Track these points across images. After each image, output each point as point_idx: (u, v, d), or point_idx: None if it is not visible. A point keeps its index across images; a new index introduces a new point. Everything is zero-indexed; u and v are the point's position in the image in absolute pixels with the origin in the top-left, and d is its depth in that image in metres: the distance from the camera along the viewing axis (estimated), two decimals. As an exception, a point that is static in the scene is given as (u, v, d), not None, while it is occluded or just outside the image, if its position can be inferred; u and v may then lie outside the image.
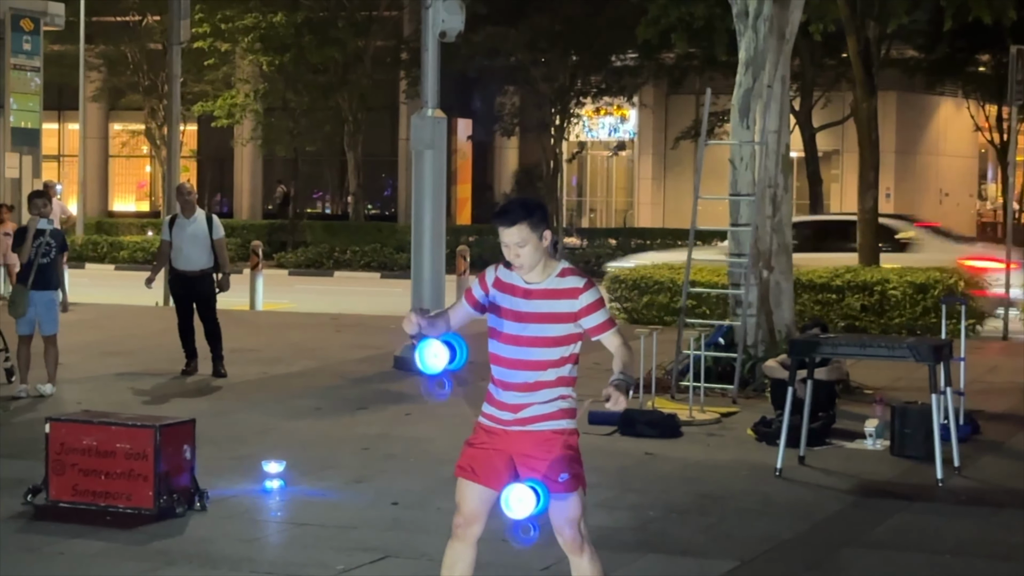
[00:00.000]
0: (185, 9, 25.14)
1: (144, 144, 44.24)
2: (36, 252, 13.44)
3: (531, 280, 5.95)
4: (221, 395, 14.11)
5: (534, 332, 5.92)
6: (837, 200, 40.80)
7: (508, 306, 5.98)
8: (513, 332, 5.96)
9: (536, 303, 5.93)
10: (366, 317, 21.19)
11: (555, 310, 5.91)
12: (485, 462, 6.07)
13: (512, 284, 5.99)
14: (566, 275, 5.95)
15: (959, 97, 40.72)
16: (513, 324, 5.96)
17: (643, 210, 45.02)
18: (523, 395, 5.96)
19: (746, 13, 14.83)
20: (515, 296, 5.97)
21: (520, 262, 5.91)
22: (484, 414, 6.13)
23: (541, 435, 5.97)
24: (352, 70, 38.84)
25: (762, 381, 13.70)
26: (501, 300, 6.00)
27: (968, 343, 12.76)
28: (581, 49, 36.88)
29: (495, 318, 6.02)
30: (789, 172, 15.29)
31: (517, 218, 5.89)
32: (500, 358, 6.01)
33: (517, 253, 5.90)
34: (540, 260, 5.92)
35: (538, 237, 5.89)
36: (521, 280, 5.97)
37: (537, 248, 5.89)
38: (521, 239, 5.88)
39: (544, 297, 5.92)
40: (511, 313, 5.97)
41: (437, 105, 16.17)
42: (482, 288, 6.07)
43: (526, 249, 5.89)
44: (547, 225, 5.94)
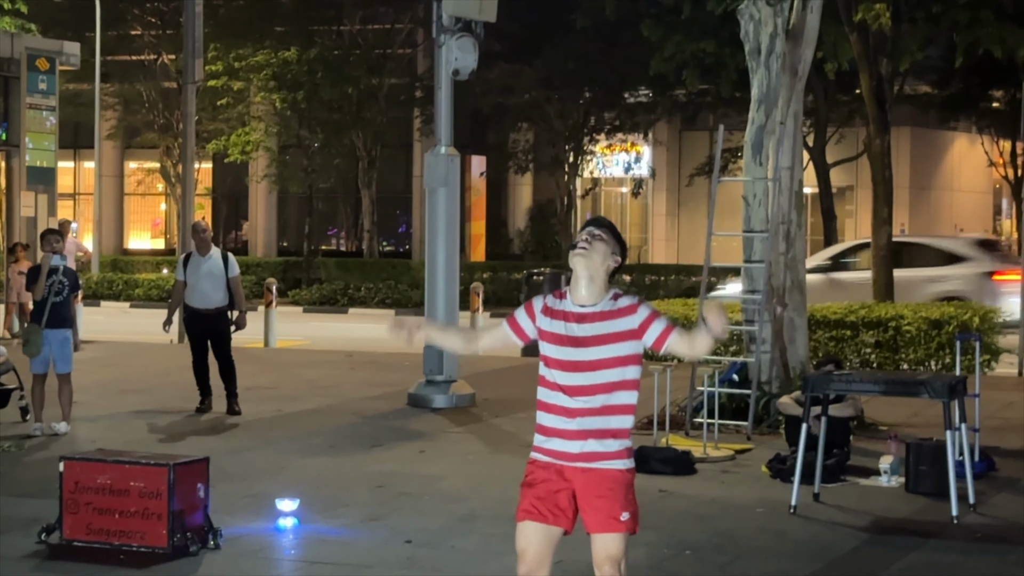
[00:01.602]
0: (199, 48, 25.26)
1: (159, 182, 44.39)
2: (49, 291, 13.49)
3: (585, 303, 5.98)
4: (235, 433, 14.12)
5: (595, 355, 5.92)
6: (852, 236, 40.77)
7: (563, 332, 5.97)
8: (572, 358, 5.94)
9: (593, 326, 5.94)
10: (380, 354, 21.20)
11: (615, 329, 5.95)
12: (550, 501, 5.99)
13: (564, 311, 6.01)
14: (618, 298, 6.02)
15: (973, 132, 40.72)
16: (571, 349, 5.94)
17: (657, 246, 45.02)
18: (586, 420, 5.91)
19: (758, 50, 14.87)
20: (568, 321, 5.97)
21: (587, 252, 5.94)
22: (540, 449, 6.05)
23: (606, 473, 5.95)
24: (366, 108, 38.97)
25: (776, 418, 13.67)
26: (553, 327, 6.00)
27: (983, 379, 12.73)
28: (595, 86, 36.98)
29: (549, 346, 6.00)
30: (802, 208, 15.30)
31: (607, 225, 6.08)
32: (558, 386, 5.96)
33: (589, 241, 5.96)
34: (601, 276, 5.98)
35: (611, 251, 6.00)
36: (573, 305, 5.99)
37: (604, 259, 5.98)
38: (601, 237, 5.99)
39: (600, 319, 5.95)
40: (567, 339, 5.95)
41: (451, 143, 16.22)
42: (528, 315, 6.09)
43: (599, 247, 5.96)
44: (622, 255, 6.06)
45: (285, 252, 44.65)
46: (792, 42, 14.88)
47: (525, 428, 14.12)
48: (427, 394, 15.83)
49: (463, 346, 6.51)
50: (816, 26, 15.14)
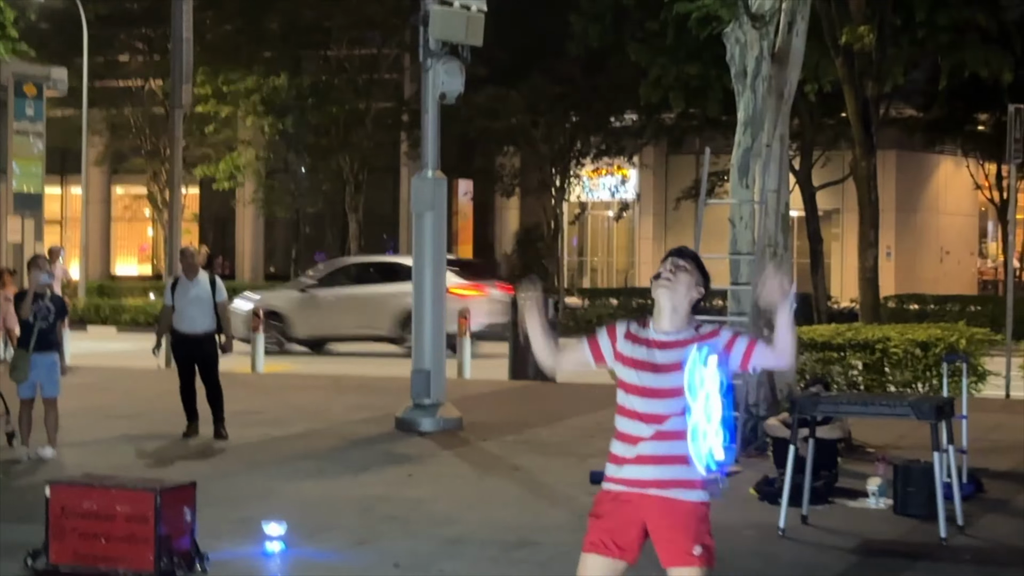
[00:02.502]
0: (187, 73, 25.28)
1: (146, 207, 44.39)
2: (36, 316, 13.47)
3: (666, 330, 5.94)
4: (222, 457, 14.09)
5: (674, 382, 5.85)
6: (838, 258, 40.85)
7: (644, 358, 5.92)
8: (651, 384, 5.87)
9: (674, 352, 5.89)
10: (367, 378, 21.17)
11: None
12: (618, 533, 5.89)
13: (646, 337, 5.97)
14: (700, 327, 5.98)
15: (959, 156, 40.85)
16: (650, 375, 5.88)
17: (644, 270, 45.03)
18: (662, 445, 5.84)
19: (744, 73, 14.91)
20: (650, 347, 5.93)
21: (671, 284, 5.91)
22: (613, 479, 5.96)
23: (680, 505, 5.86)
24: (353, 132, 39.04)
25: (764, 440, 13.66)
26: (634, 352, 5.95)
27: (970, 401, 12.74)
28: (581, 110, 37.06)
29: (628, 371, 5.94)
30: (788, 231, 15.34)
31: (690, 255, 6.02)
32: (636, 413, 5.90)
33: (674, 272, 5.93)
34: (683, 307, 5.93)
35: (695, 283, 5.95)
36: (657, 333, 5.95)
37: (689, 289, 5.93)
38: (685, 268, 5.94)
39: (682, 345, 5.90)
40: (647, 365, 5.90)
41: (437, 166, 16.23)
42: (610, 338, 6.03)
43: (683, 278, 5.92)
44: (704, 287, 5.99)
45: (272, 276, 44.62)
46: (778, 65, 14.93)
47: (513, 451, 14.12)
48: (414, 418, 15.81)
49: (547, 353, 6.24)
50: (802, 49, 15.20)
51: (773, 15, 14.78)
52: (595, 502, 5.98)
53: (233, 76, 37.79)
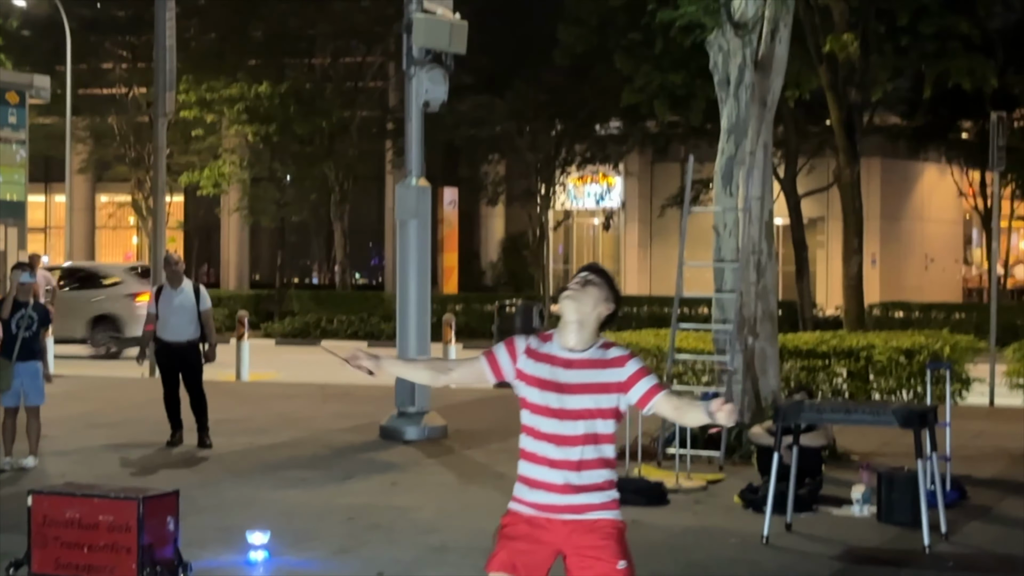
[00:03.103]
0: (171, 81, 25.22)
1: (131, 215, 44.31)
2: (18, 326, 13.43)
3: (573, 348, 5.68)
4: (206, 466, 14.06)
5: (579, 404, 5.61)
6: (823, 266, 40.91)
7: (548, 376, 5.65)
8: (555, 405, 5.62)
9: (580, 372, 5.63)
10: (352, 387, 21.14)
11: (601, 380, 5.62)
12: (528, 555, 5.66)
13: (550, 354, 5.69)
14: (609, 347, 5.71)
15: (943, 163, 40.94)
16: (554, 395, 5.63)
17: (630, 277, 45.08)
18: (571, 474, 5.60)
19: (728, 81, 14.93)
20: (554, 366, 5.66)
21: (578, 295, 5.65)
22: (523, 501, 5.72)
23: (597, 523, 5.65)
24: (338, 140, 39.03)
25: (748, 448, 13.67)
26: (536, 370, 5.68)
27: (954, 409, 12.76)
28: (566, 118, 37.06)
29: (530, 389, 5.69)
30: (773, 239, 15.35)
31: (601, 271, 5.80)
32: (540, 433, 5.65)
33: (583, 284, 5.67)
34: (591, 322, 5.67)
35: (604, 298, 5.68)
36: (561, 350, 5.68)
37: (596, 303, 5.66)
38: (594, 282, 5.70)
39: (588, 366, 5.64)
40: (551, 384, 5.64)
41: (422, 174, 16.24)
42: (509, 354, 5.77)
43: (591, 291, 5.66)
44: (615, 304, 5.73)
45: (257, 285, 44.58)
46: (761, 73, 14.95)
47: (497, 459, 14.11)
48: (399, 426, 15.80)
49: (431, 378, 6.11)
50: (785, 57, 15.22)
51: (756, 23, 14.81)
52: (504, 522, 5.77)
53: (217, 84, 37.75)
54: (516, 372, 5.75)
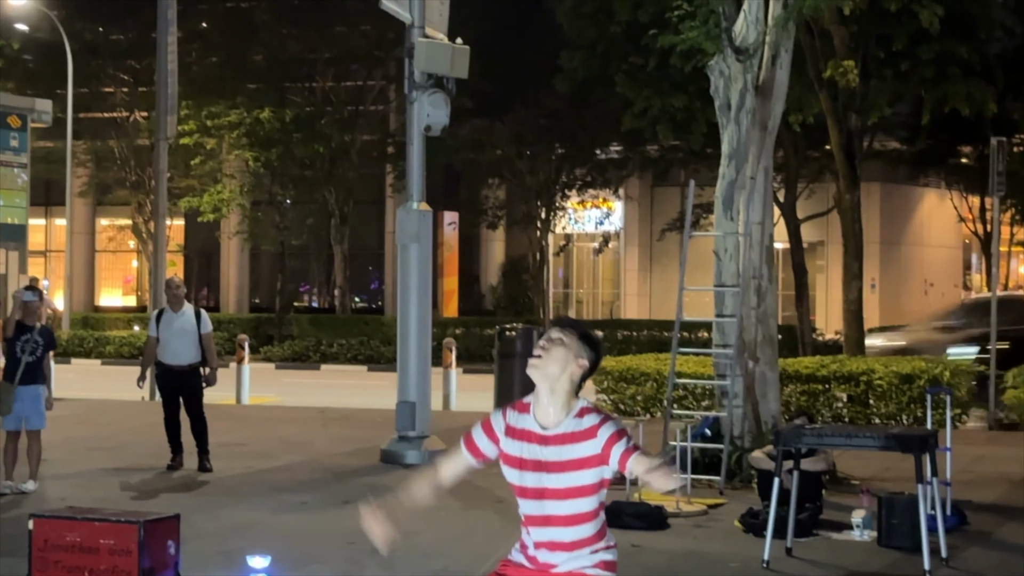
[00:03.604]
0: (172, 105, 25.28)
1: (131, 239, 44.36)
2: (23, 350, 13.41)
3: (547, 423, 5.33)
4: (207, 490, 14.05)
5: (560, 483, 5.28)
6: (823, 290, 40.93)
7: (528, 456, 5.32)
8: (537, 485, 5.31)
9: (556, 449, 5.29)
10: (353, 410, 21.15)
11: (579, 455, 5.27)
12: None
13: (527, 430, 5.36)
14: (583, 415, 5.31)
15: (942, 188, 41.00)
16: (535, 475, 5.31)
17: (630, 301, 45.11)
18: (556, 555, 5.32)
19: (728, 106, 14.97)
20: (531, 443, 5.33)
21: (544, 362, 5.31)
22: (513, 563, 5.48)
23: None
24: (338, 164, 39.10)
25: (749, 472, 13.68)
26: (517, 449, 5.36)
27: (954, 433, 12.76)
28: (566, 142, 37.14)
29: (512, 471, 5.38)
30: (773, 263, 15.37)
31: (571, 326, 5.43)
32: (528, 516, 5.37)
33: (545, 348, 5.33)
34: (563, 385, 5.32)
35: (573, 355, 5.32)
36: (536, 424, 5.34)
37: (565, 366, 5.30)
38: (561, 341, 5.35)
39: (563, 442, 5.29)
40: (532, 463, 5.32)
41: (423, 198, 16.26)
42: (489, 436, 5.46)
43: (556, 353, 5.31)
44: (590, 360, 5.36)
45: (257, 308, 44.61)
46: (762, 98, 14.99)
47: (497, 484, 14.06)
48: (399, 450, 15.80)
49: (433, 492, 5.70)
50: (785, 82, 15.26)
51: (757, 48, 14.85)
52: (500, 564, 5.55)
53: (218, 109, 37.83)
54: (501, 455, 5.44)
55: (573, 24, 30.32)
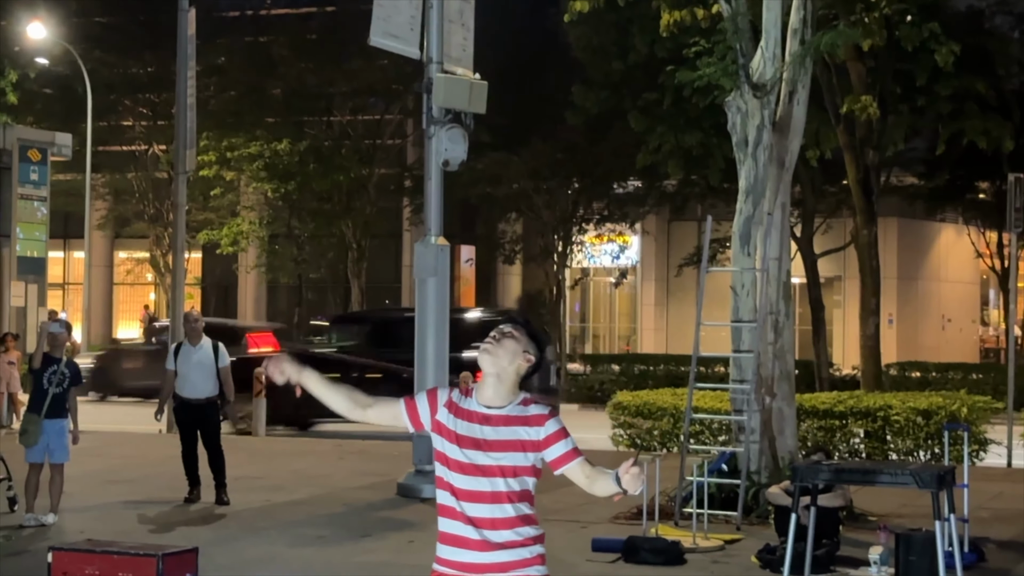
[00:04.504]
0: (191, 139, 25.39)
1: (149, 271, 44.50)
2: (49, 382, 13.46)
3: (491, 404, 5.57)
4: (224, 523, 14.07)
5: (495, 460, 5.49)
6: (840, 326, 40.89)
7: (465, 432, 5.54)
8: (471, 461, 5.51)
9: (497, 429, 5.52)
10: (369, 444, 21.16)
11: (518, 437, 5.50)
12: None
13: (469, 410, 5.59)
14: (529, 404, 5.59)
15: (960, 223, 40.97)
16: (472, 452, 5.51)
17: (646, 336, 45.09)
18: (489, 532, 5.49)
19: (746, 142, 15.00)
20: (472, 422, 5.55)
21: (494, 350, 5.56)
22: (445, 561, 5.59)
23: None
24: (356, 197, 39.21)
25: (766, 508, 13.65)
26: (455, 424, 5.57)
27: (971, 470, 12.75)
28: (583, 176, 37.18)
29: (446, 443, 5.58)
30: (790, 298, 15.38)
31: (521, 323, 5.70)
32: (457, 489, 5.54)
33: (497, 339, 5.59)
34: (509, 376, 5.58)
35: (521, 349, 5.59)
36: (479, 405, 5.59)
37: (513, 358, 5.58)
38: (512, 335, 5.61)
39: (505, 423, 5.52)
40: (468, 440, 5.53)
41: (440, 232, 16.30)
42: (430, 403, 5.65)
43: (507, 344, 5.58)
44: (536, 356, 5.62)
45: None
46: (779, 134, 15.02)
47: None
48: (416, 484, 15.80)
49: (347, 408, 5.79)
50: (803, 118, 15.30)
51: (774, 84, 14.90)
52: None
53: (236, 141, 38.00)
54: (433, 423, 5.63)
55: (590, 59, 30.47)
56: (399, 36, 16.07)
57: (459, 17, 16.37)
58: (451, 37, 16.27)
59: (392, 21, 15.95)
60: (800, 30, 14.95)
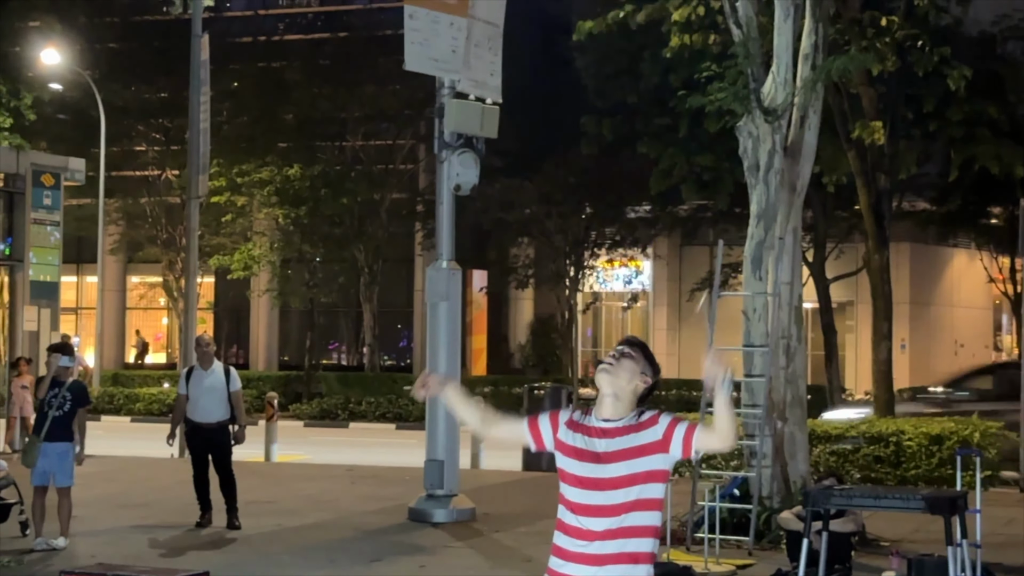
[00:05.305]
0: (204, 164, 25.48)
1: (161, 296, 44.56)
2: (50, 405, 13.49)
3: (608, 418, 5.67)
4: (235, 547, 14.07)
5: (617, 471, 5.56)
6: (852, 351, 40.82)
7: (584, 446, 5.64)
8: (592, 475, 5.59)
9: (617, 440, 5.61)
10: (381, 468, 21.16)
11: (640, 442, 5.60)
12: None
13: (587, 425, 5.69)
14: (643, 412, 5.69)
15: (972, 249, 40.92)
16: (591, 465, 5.59)
17: (658, 360, 44.90)
18: (607, 544, 5.53)
19: (757, 167, 15.02)
20: (591, 436, 5.65)
21: (613, 369, 5.68)
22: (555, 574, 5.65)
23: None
24: (368, 222, 39.26)
25: (777, 533, 13.63)
26: (574, 440, 5.67)
27: (984, 495, 12.71)
28: (595, 201, 37.23)
29: (568, 460, 5.67)
30: (802, 323, 15.37)
31: (639, 344, 5.82)
32: (574, 504, 5.61)
33: (618, 358, 5.71)
34: (627, 395, 5.68)
35: (639, 371, 5.71)
36: (597, 421, 5.68)
37: (632, 376, 5.69)
38: (630, 355, 5.73)
39: (624, 433, 5.62)
40: (588, 454, 5.62)
41: (452, 257, 16.32)
42: (551, 424, 5.78)
43: (626, 364, 5.69)
44: (653, 376, 5.76)
45: (286, 366, 44.70)
46: (790, 159, 15.04)
47: (526, 543, 14.08)
48: (427, 508, 15.80)
49: (478, 425, 6.01)
50: (814, 143, 15.32)
51: (785, 109, 14.92)
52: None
53: (248, 167, 38.09)
54: (556, 442, 5.74)
55: (598, 88, 30.56)
56: (440, 60, 16.08)
57: (486, 42, 16.38)
58: (477, 62, 16.26)
59: (431, 45, 15.96)
60: (811, 55, 14.97)
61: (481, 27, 16.33)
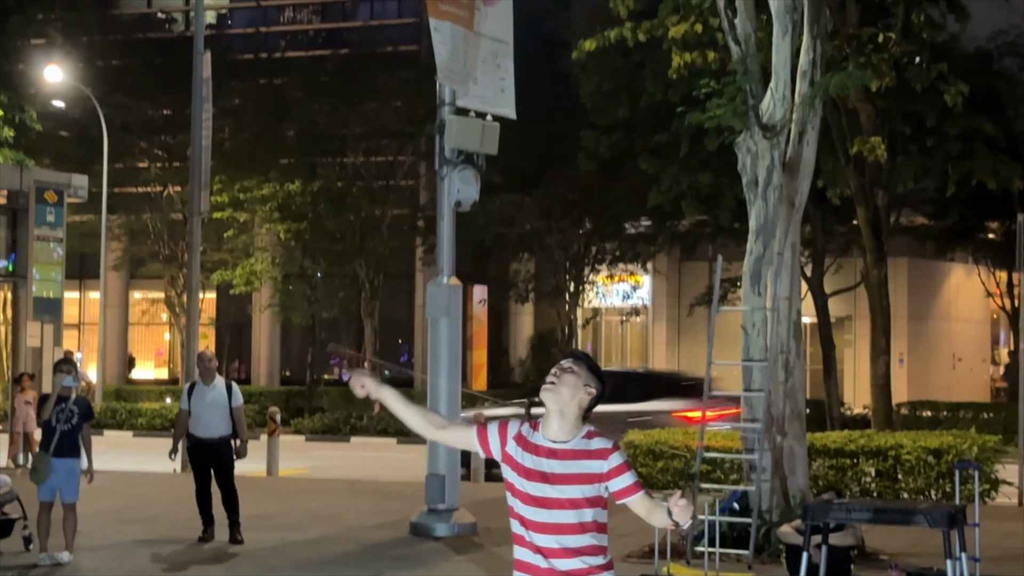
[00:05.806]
0: (205, 181, 25.58)
1: (163, 312, 44.65)
2: (57, 419, 13.56)
3: (556, 439, 5.75)
4: (238, 562, 14.14)
5: (561, 494, 5.68)
6: (851, 365, 40.88)
7: (532, 466, 5.74)
8: (539, 494, 5.71)
9: (563, 463, 5.71)
10: (382, 483, 21.23)
11: (583, 470, 5.70)
12: None
13: (536, 444, 5.78)
14: (592, 436, 5.77)
15: (970, 263, 41.02)
16: (539, 485, 5.71)
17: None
18: (556, 562, 5.68)
19: (756, 182, 15.11)
20: (539, 456, 5.75)
21: (557, 387, 5.76)
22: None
23: None
24: (369, 238, 39.33)
25: (777, 546, 13.70)
26: (522, 458, 5.77)
27: (983, 509, 12.78)
28: (595, 217, 37.33)
29: (515, 476, 5.78)
30: (801, 338, 15.45)
31: (581, 357, 5.89)
32: (526, 520, 5.75)
33: (558, 375, 5.79)
34: (572, 410, 5.76)
35: (583, 383, 5.78)
36: (545, 440, 5.77)
37: (575, 392, 5.77)
38: (571, 370, 5.80)
39: (571, 457, 5.71)
40: (536, 473, 5.73)
41: (453, 273, 16.41)
42: (500, 435, 5.87)
43: (568, 379, 5.77)
44: (597, 389, 5.82)
45: (288, 381, 44.77)
46: (789, 174, 15.14)
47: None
48: (429, 523, 15.87)
49: (423, 426, 6.11)
50: (812, 159, 15.41)
51: (784, 126, 15.02)
52: None
53: (250, 183, 38.19)
54: (503, 455, 5.85)
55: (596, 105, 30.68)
56: (454, 75, 16.20)
57: (493, 58, 16.47)
58: (483, 78, 16.34)
59: (450, 61, 16.07)
60: (810, 72, 15.07)
61: (487, 43, 16.43)
